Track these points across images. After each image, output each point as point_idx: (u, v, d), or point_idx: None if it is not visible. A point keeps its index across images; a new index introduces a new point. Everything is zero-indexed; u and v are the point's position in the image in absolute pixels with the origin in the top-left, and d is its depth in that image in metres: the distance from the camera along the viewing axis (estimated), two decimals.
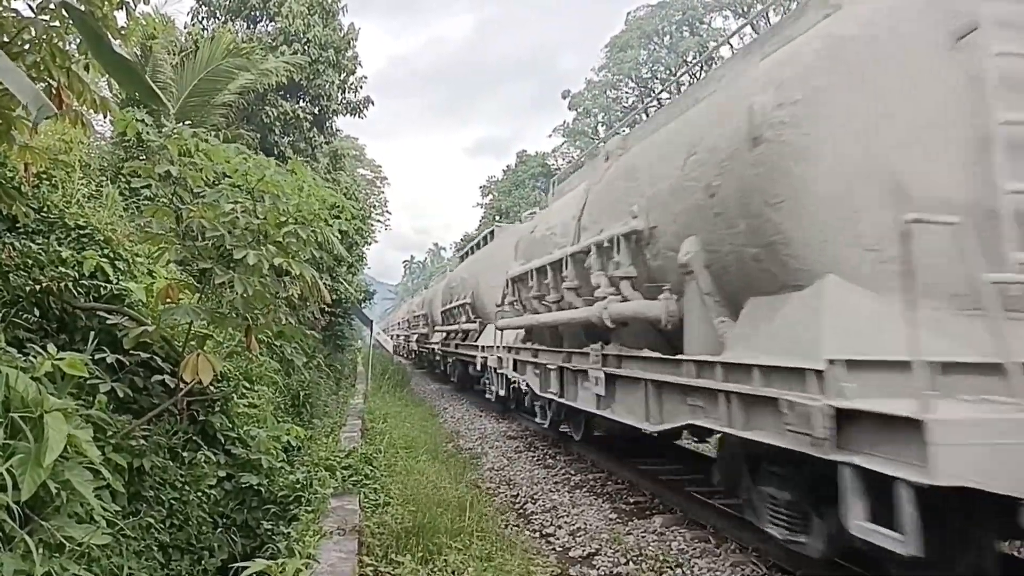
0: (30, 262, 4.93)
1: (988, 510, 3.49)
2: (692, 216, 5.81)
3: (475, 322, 17.34)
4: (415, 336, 33.51)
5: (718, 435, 5.60)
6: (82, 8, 3.88)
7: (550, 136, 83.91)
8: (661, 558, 5.94)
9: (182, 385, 4.78)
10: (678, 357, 5.87)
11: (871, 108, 4.37)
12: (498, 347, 13.16)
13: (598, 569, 5.84)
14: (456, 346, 19.63)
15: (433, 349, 25.55)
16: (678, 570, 5.70)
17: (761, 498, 5.01)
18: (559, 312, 9.04)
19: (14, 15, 4.18)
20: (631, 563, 5.91)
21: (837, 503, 3.77)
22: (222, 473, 5.12)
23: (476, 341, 16.58)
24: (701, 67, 42.66)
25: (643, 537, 6.57)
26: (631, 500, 8.07)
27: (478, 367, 15.96)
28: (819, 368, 3.89)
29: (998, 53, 4.17)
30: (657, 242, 6.53)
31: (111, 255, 5.70)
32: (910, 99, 4.37)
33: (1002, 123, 4.12)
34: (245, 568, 3.66)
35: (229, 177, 5.06)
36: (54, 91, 4.34)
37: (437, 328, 23.46)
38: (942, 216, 3.67)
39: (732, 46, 39.67)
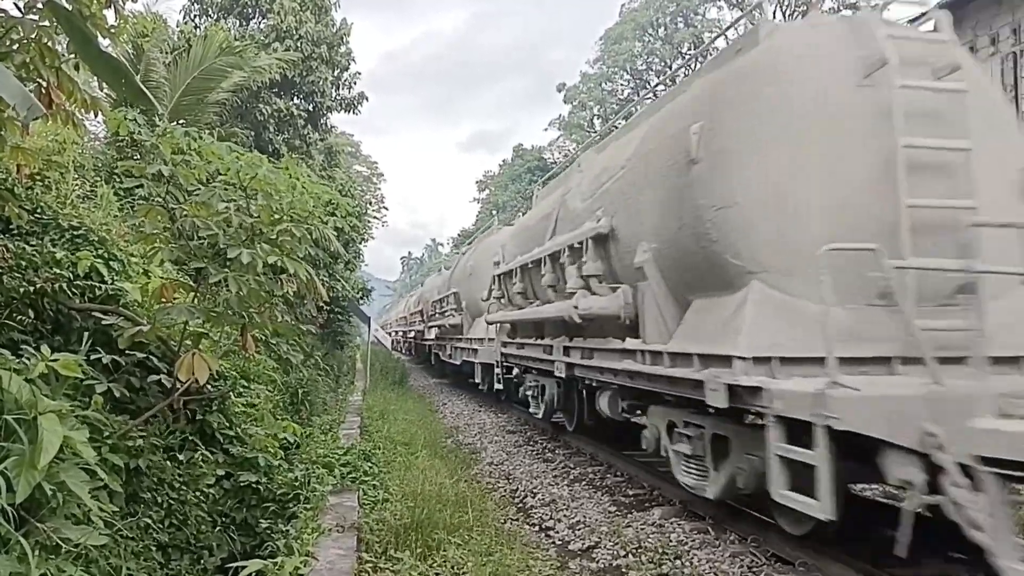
0: (24, 263, 4.91)
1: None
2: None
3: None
4: (412, 332, 33.90)
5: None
6: (69, 8, 3.85)
7: (546, 129, 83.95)
8: (660, 550, 5.95)
9: (179, 385, 4.77)
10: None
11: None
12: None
13: (598, 562, 5.85)
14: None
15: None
16: (677, 562, 5.71)
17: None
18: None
19: (1, 14, 4.15)
20: (630, 555, 5.92)
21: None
22: (220, 472, 5.12)
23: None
24: (696, 59, 42.70)
25: (642, 529, 6.58)
26: (630, 493, 8.08)
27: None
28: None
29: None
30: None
31: (106, 255, 5.68)
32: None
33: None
34: (244, 567, 3.66)
35: (222, 175, 5.04)
36: (44, 91, 4.32)
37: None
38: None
39: (727, 37, 39.65)
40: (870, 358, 4.82)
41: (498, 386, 13.72)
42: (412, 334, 34.14)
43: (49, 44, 4.31)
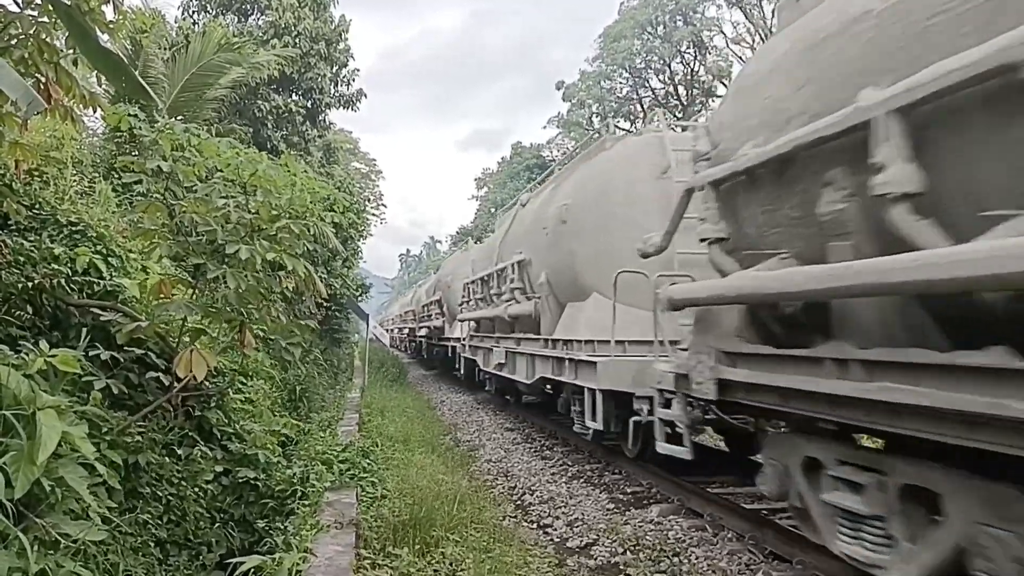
0: (22, 259, 4.90)
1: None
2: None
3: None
4: (407, 330, 35.91)
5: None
6: (68, 3, 3.84)
7: (544, 127, 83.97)
8: (658, 547, 5.96)
9: (177, 381, 4.77)
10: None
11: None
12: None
13: (596, 559, 5.86)
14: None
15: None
16: (675, 559, 5.71)
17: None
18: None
19: (0, 10, 4.14)
20: (628, 553, 5.93)
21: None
22: (219, 468, 5.12)
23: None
24: (695, 57, 42.68)
25: (640, 527, 6.59)
26: (628, 490, 8.09)
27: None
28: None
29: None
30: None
31: (104, 251, 5.67)
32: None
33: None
34: (242, 563, 3.66)
35: (221, 171, 5.04)
36: (42, 86, 4.32)
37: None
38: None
39: (726, 35, 39.64)
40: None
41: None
42: (407, 331, 36.53)
43: (48, 40, 4.31)
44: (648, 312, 6.85)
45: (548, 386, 11.14)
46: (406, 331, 37.82)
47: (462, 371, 18.35)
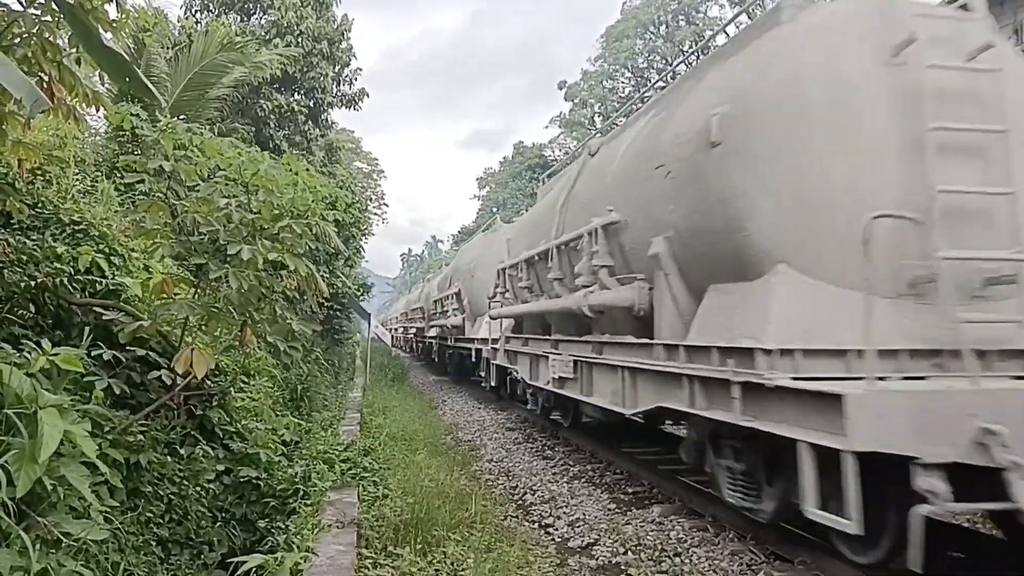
0: (25, 258, 4.91)
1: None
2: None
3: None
4: (412, 329, 33.89)
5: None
6: (71, 1, 3.84)
7: (546, 127, 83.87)
8: (660, 547, 5.95)
9: (179, 380, 4.77)
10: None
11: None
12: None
13: (597, 559, 5.85)
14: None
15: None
16: (677, 559, 5.71)
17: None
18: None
19: (3, 8, 4.14)
20: (630, 552, 5.92)
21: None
22: (221, 467, 5.13)
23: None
24: (697, 56, 42.62)
25: (642, 527, 6.58)
26: (630, 490, 8.08)
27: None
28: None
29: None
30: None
31: (106, 250, 5.68)
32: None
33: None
34: (244, 562, 3.66)
35: (223, 171, 5.04)
36: (45, 85, 4.32)
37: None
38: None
39: (728, 35, 39.57)
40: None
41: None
42: (412, 331, 34.09)
43: (51, 38, 4.31)
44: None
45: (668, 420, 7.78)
46: (412, 331, 34.21)
47: (492, 381, 14.25)
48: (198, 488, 4.79)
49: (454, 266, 21.64)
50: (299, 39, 18.63)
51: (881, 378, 3.92)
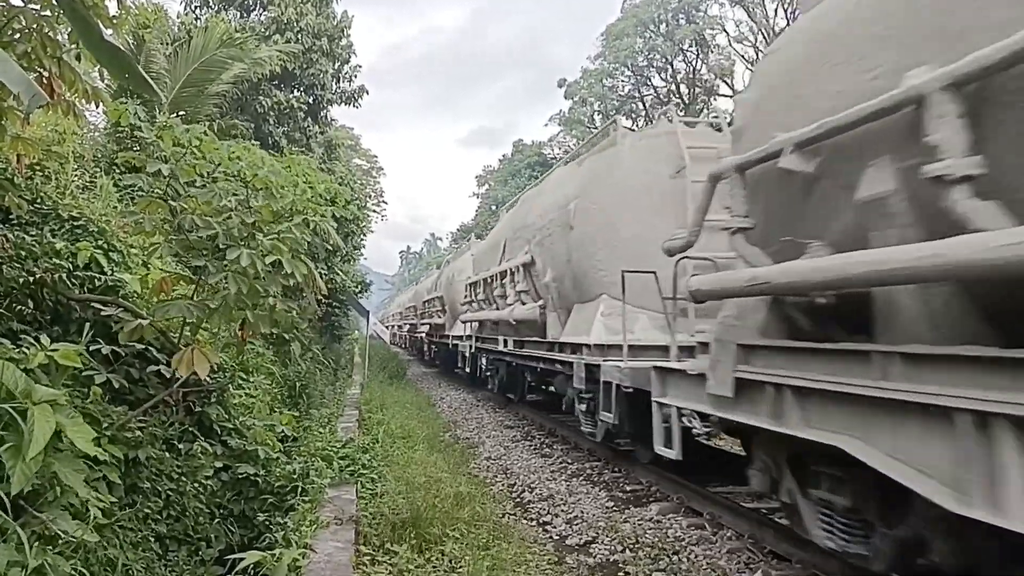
0: (23, 253, 4.89)
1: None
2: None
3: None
4: (407, 327, 35.74)
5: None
6: None
7: (546, 125, 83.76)
8: (658, 545, 5.96)
9: (178, 376, 4.77)
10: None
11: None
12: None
13: (595, 557, 5.86)
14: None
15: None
16: (675, 557, 5.72)
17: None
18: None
19: (3, 4, 4.14)
20: (628, 551, 5.93)
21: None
22: (219, 464, 5.11)
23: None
24: (698, 55, 42.59)
25: (640, 525, 6.59)
26: (628, 488, 8.10)
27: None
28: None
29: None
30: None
31: (105, 246, 5.66)
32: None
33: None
34: (242, 559, 3.66)
35: (224, 171, 5.03)
36: (45, 81, 4.31)
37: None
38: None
39: (728, 34, 39.54)
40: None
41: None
42: (407, 328, 36.18)
43: (50, 34, 4.30)
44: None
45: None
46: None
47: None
48: (196, 484, 4.78)
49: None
50: (299, 35, 18.60)
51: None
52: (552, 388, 11.69)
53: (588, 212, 9.20)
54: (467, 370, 18.37)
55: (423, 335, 29.10)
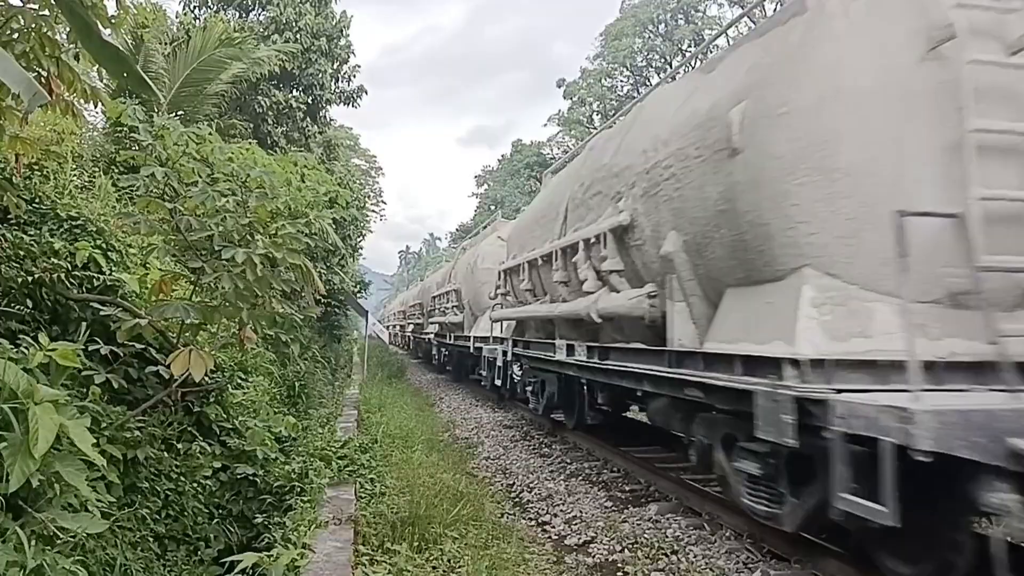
0: (22, 253, 4.89)
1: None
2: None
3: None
4: (411, 327, 33.61)
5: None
6: None
7: (545, 125, 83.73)
8: (657, 545, 5.96)
9: (176, 376, 4.77)
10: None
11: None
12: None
13: (594, 556, 5.87)
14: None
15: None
16: (673, 557, 5.72)
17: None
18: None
19: (2, 4, 4.13)
20: (627, 550, 5.94)
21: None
22: (217, 464, 5.12)
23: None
24: (696, 56, 42.60)
25: (639, 525, 6.60)
26: (626, 488, 8.10)
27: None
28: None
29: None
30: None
31: (104, 246, 5.66)
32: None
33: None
34: (241, 559, 3.66)
35: (216, 168, 5.03)
36: (44, 80, 4.31)
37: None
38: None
39: (728, 35, 39.56)
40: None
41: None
42: (411, 328, 33.63)
43: (49, 34, 4.30)
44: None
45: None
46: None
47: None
48: (195, 484, 4.78)
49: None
50: (298, 35, 18.57)
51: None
52: (677, 432, 7.08)
53: (771, 121, 4.65)
54: (496, 381, 13.99)
55: (431, 336, 24.33)
